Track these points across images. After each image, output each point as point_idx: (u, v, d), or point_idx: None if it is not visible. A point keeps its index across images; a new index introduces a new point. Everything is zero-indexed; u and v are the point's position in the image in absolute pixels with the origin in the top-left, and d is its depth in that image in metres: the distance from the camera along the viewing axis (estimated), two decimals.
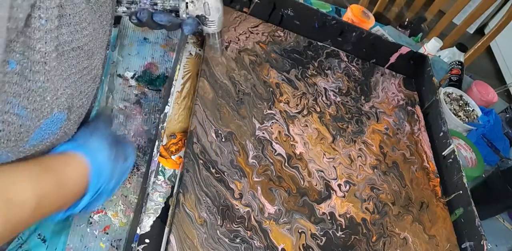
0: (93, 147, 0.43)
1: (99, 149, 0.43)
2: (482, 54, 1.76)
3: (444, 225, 0.68)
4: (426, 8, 1.57)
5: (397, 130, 0.78)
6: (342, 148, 0.69)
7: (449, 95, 1.01)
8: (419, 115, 0.84)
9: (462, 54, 1.18)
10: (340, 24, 0.82)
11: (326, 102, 0.75)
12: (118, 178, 0.46)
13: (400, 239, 0.62)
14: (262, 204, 0.56)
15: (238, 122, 0.63)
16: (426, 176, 0.73)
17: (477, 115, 1.00)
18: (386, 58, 0.88)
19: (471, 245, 0.64)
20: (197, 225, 0.50)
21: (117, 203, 0.57)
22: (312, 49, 0.82)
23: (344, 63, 0.84)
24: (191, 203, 0.51)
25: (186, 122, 0.60)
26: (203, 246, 0.49)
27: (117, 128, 0.64)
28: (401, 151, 0.75)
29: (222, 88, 0.65)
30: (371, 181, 0.67)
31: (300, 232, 0.56)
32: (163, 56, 0.76)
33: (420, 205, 0.68)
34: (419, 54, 0.88)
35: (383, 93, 0.83)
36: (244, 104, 0.66)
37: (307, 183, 0.61)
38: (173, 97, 0.62)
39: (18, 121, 0.33)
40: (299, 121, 0.69)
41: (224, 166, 0.57)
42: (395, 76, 0.89)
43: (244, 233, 0.52)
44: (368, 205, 0.64)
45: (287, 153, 0.63)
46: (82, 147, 0.42)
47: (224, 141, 0.59)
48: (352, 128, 0.73)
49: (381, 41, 0.86)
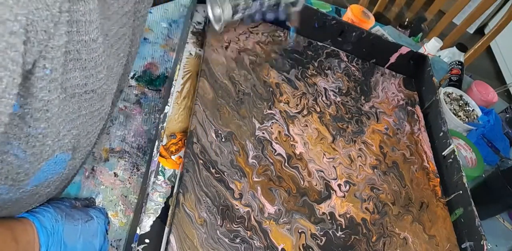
0: (36, 210, 0.45)
1: (41, 210, 0.45)
2: (482, 54, 1.76)
3: (444, 225, 0.68)
4: (426, 8, 1.57)
5: (397, 130, 0.78)
6: (342, 148, 0.69)
7: (449, 95, 1.01)
8: (419, 115, 0.84)
9: (462, 54, 1.18)
10: (340, 24, 0.82)
11: (326, 102, 0.75)
12: (87, 237, 0.47)
13: (400, 239, 0.62)
14: (262, 204, 0.56)
15: (238, 122, 0.63)
16: (426, 176, 0.73)
17: (477, 115, 1.00)
18: (386, 58, 0.88)
19: (471, 245, 0.64)
20: (197, 225, 0.50)
21: (117, 203, 0.57)
22: (312, 49, 0.82)
23: (344, 63, 0.84)
24: (191, 203, 0.51)
25: (186, 122, 0.60)
26: (203, 246, 0.49)
27: (117, 128, 0.64)
28: (401, 151, 0.75)
29: (222, 88, 0.65)
30: (371, 181, 0.67)
31: (300, 232, 0.56)
32: (163, 56, 0.76)
33: (420, 205, 0.68)
34: (419, 54, 0.88)
35: (383, 93, 0.83)
36: (244, 104, 0.66)
37: (307, 183, 0.61)
38: (173, 97, 0.62)
39: (17, 162, 0.33)
40: (299, 121, 0.69)
41: (224, 166, 0.57)
42: (395, 76, 0.89)
43: (244, 233, 0.52)
44: (368, 205, 0.64)
45: (287, 153, 0.63)
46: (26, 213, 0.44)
47: (224, 141, 0.59)
48: (352, 127, 0.73)
49: (381, 41, 0.86)
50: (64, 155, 0.36)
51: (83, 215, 0.48)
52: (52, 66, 0.30)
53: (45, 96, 0.31)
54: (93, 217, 0.49)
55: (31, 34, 0.27)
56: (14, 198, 0.36)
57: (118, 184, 0.59)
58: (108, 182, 0.59)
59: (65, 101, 0.34)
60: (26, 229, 0.42)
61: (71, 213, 0.47)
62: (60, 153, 0.36)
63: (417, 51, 0.88)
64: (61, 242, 0.44)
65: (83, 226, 0.47)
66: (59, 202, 0.49)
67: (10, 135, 0.31)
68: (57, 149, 0.35)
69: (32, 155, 0.33)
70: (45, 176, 0.36)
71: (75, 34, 0.32)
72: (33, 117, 0.31)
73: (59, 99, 0.33)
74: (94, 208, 0.52)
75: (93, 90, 0.36)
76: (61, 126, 0.34)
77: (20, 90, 0.29)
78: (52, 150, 0.35)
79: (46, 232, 0.43)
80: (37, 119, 0.32)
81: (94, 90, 0.37)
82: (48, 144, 0.34)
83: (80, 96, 0.35)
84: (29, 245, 0.41)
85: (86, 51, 0.33)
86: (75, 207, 0.50)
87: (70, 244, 0.45)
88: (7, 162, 0.32)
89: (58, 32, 0.30)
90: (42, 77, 0.30)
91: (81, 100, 0.36)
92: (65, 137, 0.36)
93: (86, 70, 0.34)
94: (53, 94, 0.32)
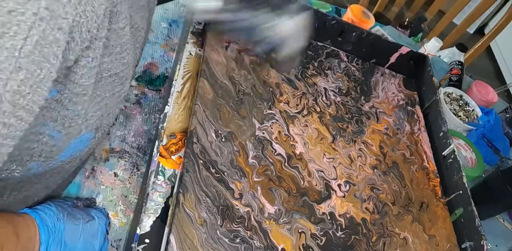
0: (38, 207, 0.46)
1: (43, 208, 0.46)
2: (482, 54, 1.76)
3: (444, 225, 0.68)
4: (426, 8, 1.57)
5: (397, 130, 0.78)
6: (342, 148, 0.69)
7: (449, 95, 1.01)
8: (419, 115, 0.84)
9: (462, 54, 1.18)
10: (340, 24, 0.82)
11: (326, 102, 0.75)
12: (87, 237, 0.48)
13: (400, 239, 0.62)
14: (262, 204, 0.56)
15: (238, 122, 0.63)
16: (426, 176, 0.73)
17: (477, 115, 1.00)
18: (386, 58, 0.88)
19: (471, 245, 0.64)
20: (197, 225, 0.50)
21: (117, 203, 0.57)
22: (312, 49, 0.82)
23: (344, 63, 0.84)
24: (191, 203, 0.51)
25: (186, 123, 0.60)
26: (203, 246, 0.49)
27: (117, 128, 0.64)
28: (401, 151, 0.75)
29: (222, 88, 0.65)
30: (371, 181, 0.67)
31: (300, 232, 0.56)
32: (163, 56, 0.76)
33: (420, 205, 0.68)
34: (419, 54, 0.88)
35: (383, 93, 0.83)
36: (244, 104, 0.66)
37: (307, 183, 0.61)
38: (173, 97, 0.62)
39: (51, 142, 0.35)
40: (299, 121, 0.69)
41: (224, 166, 0.57)
42: (395, 76, 0.89)
43: (244, 233, 0.52)
44: (368, 205, 0.64)
45: (287, 153, 0.63)
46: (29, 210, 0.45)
47: (224, 141, 0.59)
48: (352, 128, 0.73)
49: (381, 41, 0.86)
50: (89, 133, 0.39)
51: (84, 215, 0.48)
52: (94, 55, 0.33)
53: (85, 82, 0.34)
54: (94, 217, 0.49)
55: (76, 34, 0.29)
56: (42, 171, 0.38)
57: (118, 184, 0.59)
58: (108, 182, 0.59)
59: (95, 85, 0.37)
60: (28, 225, 0.42)
61: (73, 212, 0.47)
62: (86, 132, 0.38)
63: (417, 51, 0.88)
64: (62, 240, 0.44)
65: (84, 226, 0.47)
66: (61, 200, 0.49)
67: (47, 117, 0.33)
68: (84, 128, 0.37)
69: (66, 135, 0.35)
70: (70, 153, 0.38)
71: (109, 24, 0.35)
72: (72, 101, 0.34)
73: (93, 83, 0.36)
74: (95, 208, 0.52)
75: (116, 74, 0.39)
76: (90, 107, 0.37)
77: (59, 78, 0.31)
78: (80, 129, 0.37)
79: (47, 230, 0.43)
80: (75, 102, 0.34)
81: (117, 74, 0.39)
82: (78, 123, 0.36)
83: (105, 79, 0.38)
84: (29, 241, 0.41)
85: (114, 38, 0.36)
86: (77, 206, 0.51)
87: (70, 243, 0.45)
88: (42, 142, 0.34)
89: (103, 25, 0.33)
90: (85, 65, 0.33)
91: (106, 83, 0.38)
92: (92, 117, 0.38)
93: (112, 56, 0.37)
94: (91, 79, 0.35)
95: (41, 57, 0.27)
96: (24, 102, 0.27)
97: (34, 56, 0.26)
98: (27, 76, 0.26)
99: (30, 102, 0.27)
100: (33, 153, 0.34)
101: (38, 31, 0.26)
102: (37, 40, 0.26)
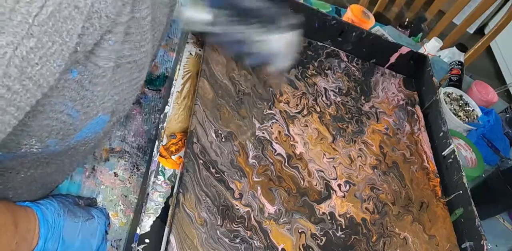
0: (40, 202, 0.46)
1: (45, 202, 0.46)
2: (482, 54, 1.76)
3: (444, 225, 0.68)
4: (426, 8, 1.57)
5: (397, 130, 0.78)
6: (342, 148, 0.69)
7: (449, 95, 1.01)
8: (419, 115, 0.84)
9: (462, 54, 1.18)
10: (340, 24, 0.82)
11: (326, 102, 0.75)
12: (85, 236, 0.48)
13: (400, 239, 0.62)
14: (262, 204, 0.56)
15: (238, 122, 0.63)
16: (426, 176, 0.73)
17: (477, 115, 1.00)
18: (386, 58, 0.88)
19: (471, 245, 0.64)
20: (197, 225, 0.50)
21: (117, 203, 0.57)
22: (312, 49, 0.82)
23: (344, 63, 0.84)
24: (191, 203, 0.51)
25: (186, 123, 0.60)
26: (203, 246, 0.49)
27: (117, 128, 0.64)
28: (401, 151, 0.75)
29: (222, 88, 0.65)
30: (371, 181, 0.67)
31: (300, 232, 0.56)
32: (163, 56, 0.76)
33: (420, 205, 0.68)
34: (419, 54, 0.88)
35: (383, 93, 0.83)
36: (244, 104, 0.66)
37: (307, 183, 0.61)
38: (173, 97, 0.62)
39: (69, 121, 0.36)
40: (299, 121, 0.69)
41: (224, 166, 0.57)
42: (395, 76, 0.89)
43: (244, 233, 0.52)
44: (368, 205, 0.64)
45: (287, 153, 0.63)
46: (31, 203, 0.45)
47: (224, 141, 0.59)
48: (352, 128, 0.73)
49: (381, 41, 0.86)
50: (105, 116, 0.40)
51: (84, 213, 0.48)
52: (116, 39, 0.35)
53: (105, 64, 0.35)
54: (94, 217, 0.49)
55: (95, 20, 0.30)
56: (59, 150, 0.39)
57: (118, 184, 0.59)
58: (108, 182, 0.59)
59: (114, 70, 0.38)
60: (29, 218, 0.42)
61: (74, 210, 0.47)
62: (102, 114, 0.39)
63: (417, 51, 0.88)
64: (60, 236, 0.44)
65: (83, 224, 0.47)
66: (63, 197, 0.50)
67: (67, 97, 0.34)
68: (101, 110, 0.39)
69: (84, 114, 0.37)
70: (86, 133, 0.40)
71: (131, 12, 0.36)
72: (92, 82, 0.35)
73: (113, 67, 0.37)
74: (96, 208, 0.52)
75: (135, 61, 0.40)
76: (108, 90, 0.38)
77: (80, 59, 0.33)
78: (97, 111, 0.38)
79: (47, 224, 0.43)
80: (95, 84, 0.36)
81: (135, 61, 0.41)
82: (96, 105, 0.38)
83: (124, 65, 0.39)
84: (28, 233, 0.41)
85: (135, 26, 0.38)
86: (78, 204, 0.51)
87: (68, 240, 0.45)
88: (61, 120, 0.35)
89: (124, 11, 0.34)
90: (106, 48, 0.34)
91: (124, 69, 0.39)
92: (109, 101, 0.39)
93: (132, 43, 0.38)
94: (111, 62, 0.36)
95: (54, 31, 0.27)
96: (32, 72, 0.27)
97: (47, 27, 0.27)
98: (38, 45, 0.26)
99: (38, 75, 0.27)
100: (51, 130, 0.35)
101: (55, 2, 0.26)
102: (52, 11, 0.26)
